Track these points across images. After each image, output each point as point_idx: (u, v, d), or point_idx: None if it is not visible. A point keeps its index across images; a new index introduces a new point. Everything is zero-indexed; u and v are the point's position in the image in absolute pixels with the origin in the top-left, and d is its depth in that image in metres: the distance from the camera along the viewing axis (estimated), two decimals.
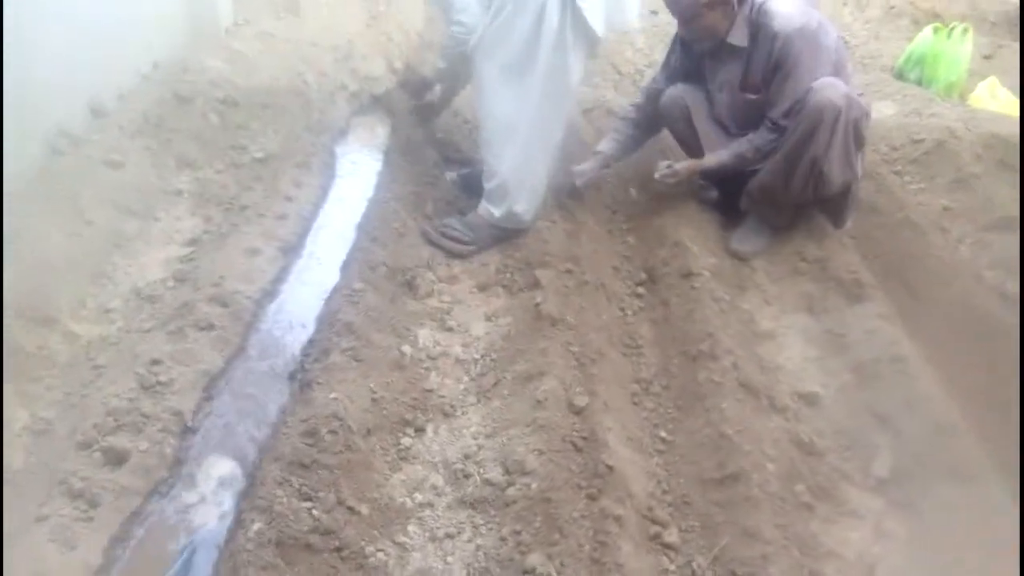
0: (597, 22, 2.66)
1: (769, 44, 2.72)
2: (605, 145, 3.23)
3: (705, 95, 3.08)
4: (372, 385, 2.13)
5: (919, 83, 4.90)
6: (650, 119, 3.24)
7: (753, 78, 2.86)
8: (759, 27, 2.73)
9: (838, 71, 2.81)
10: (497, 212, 2.87)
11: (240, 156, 3.48)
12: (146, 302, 2.54)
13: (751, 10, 2.74)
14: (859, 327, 2.55)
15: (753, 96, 2.90)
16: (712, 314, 2.48)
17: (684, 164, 3.06)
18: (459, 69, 3.21)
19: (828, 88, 2.69)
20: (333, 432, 1.90)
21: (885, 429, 2.20)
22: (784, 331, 2.63)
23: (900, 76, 5.01)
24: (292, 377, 2.23)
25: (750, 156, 2.92)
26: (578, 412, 2.05)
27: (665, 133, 3.35)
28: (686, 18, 2.80)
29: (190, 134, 3.53)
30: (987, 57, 5.31)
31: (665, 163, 3.05)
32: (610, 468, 1.87)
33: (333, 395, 2.00)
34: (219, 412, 2.08)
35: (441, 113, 3.78)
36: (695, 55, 3.02)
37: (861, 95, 2.95)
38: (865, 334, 2.51)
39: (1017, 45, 5.44)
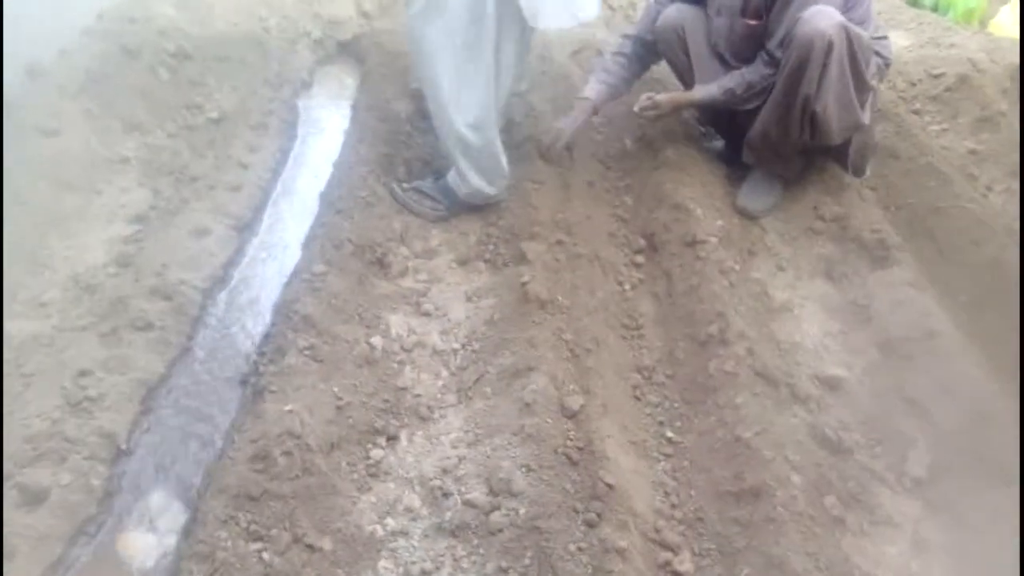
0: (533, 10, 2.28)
1: None
2: (592, 88, 2.85)
3: (705, 20, 2.75)
4: (336, 389, 1.86)
5: (935, 9, 4.54)
6: (649, 49, 2.90)
7: (754, 2, 2.53)
8: None
9: (852, 4, 2.47)
10: (464, 188, 2.57)
11: (193, 117, 3.15)
12: (85, 292, 2.24)
13: None
14: (885, 296, 2.28)
15: (753, 23, 2.57)
16: (721, 289, 2.20)
17: (667, 96, 2.75)
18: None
19: (817, 16, 2.35)
20: (288, 453, 1.63)
21: (919, 418, 1.95)
22: (801, 302, 2.36)
23: (914, 2, 4.63)
24: (244, 383, 1.95)
25: (740, 92, 2.61)
26: (572, 416, 1.79)
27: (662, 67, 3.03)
28: None
29: (137, 93, 3.18)
30: None
31: (646, 95, 2.74)
32: (610, 487, 1.61)
33: (288, 407, 1.73)
34: (158, 430, 1.81)
35: None
36: None
37: (884, 38, 2.62)
38: (892, 305, 2.24)
39: None
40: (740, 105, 2.66)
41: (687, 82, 2.90)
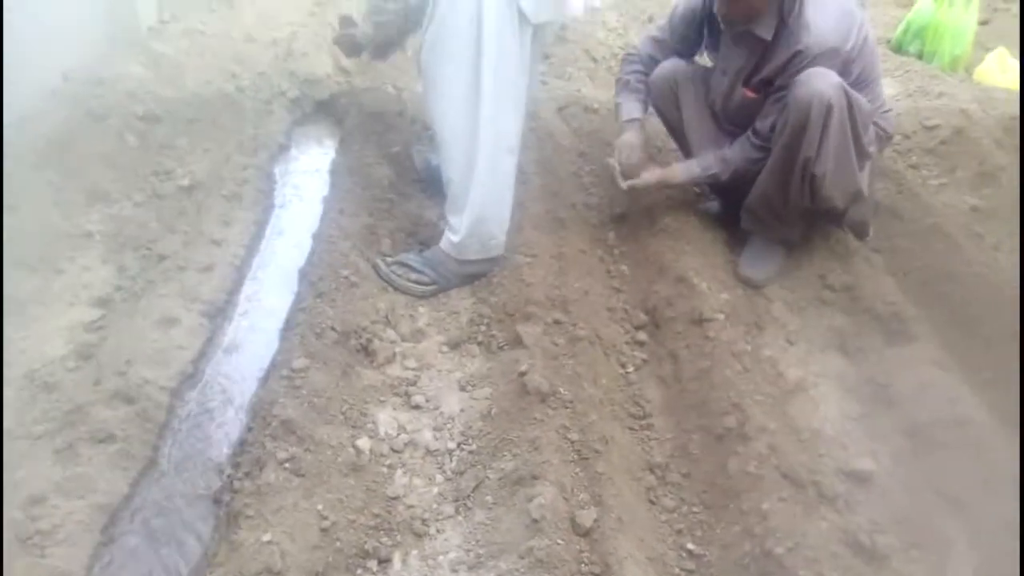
0: (529, 2, 2.25)
1: (790, 52, 2.30)
2: (632, 108, 2.73)
3: (700, 76, 2.67)
4: (320, 506, 1.67)
5: (920, 57, 4.50)
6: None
7: (759, 76, 2.43)
8: (789, 30, 2.29)
9: (862, 86, 2.38)
10: (457, 238, 2.45)
11: (163, 184, 2.96)
12: (41, 391, 2.03)
13: (787, 7, 2.26)
14: (906, 377, 2.14)
15: (751, 95, 2.48)
16: (734, 375, 2.05)
17: (650, 176, 2.64)
18: (384, 38, 2.82)
19: (815, 78, 2.26)
20: None
21: (957, 516, 1.80)
22: (815, 380, 2.21)
23: (898, 49, 4.59)
24: (217, 501, 1.76)
25: (725, 177, 2.57)
26: (585, 533, 1.62)
27: None
28: None
29: (103, 160, 2.99)
30: (983, 23, 4.89)
31: (626, 180, 2.62)
32: None
33: (267, 536, 1.54)
34: (121, 562, 1.60)
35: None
36: (714, 29, 2.56)
37: (888, 111, 2.54)
38: (916, 387, 2.10)
39: (1016, 8, 5.06)
40: (723, 184, 2.63)
41: (676, 135, 2.86)
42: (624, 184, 2.62)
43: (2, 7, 2.64)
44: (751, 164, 2.49)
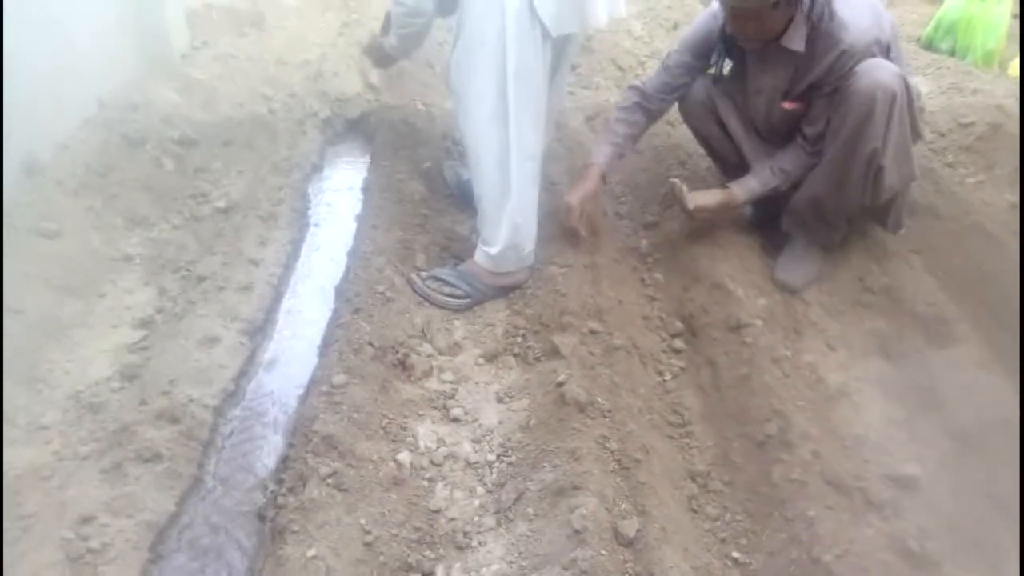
0: (550, 16, 2.26)
1: (834, 55, 2.26)
2: (598, 152, 2.65)
3: (730, 90, 2.64)
4: (363, 521, 1.68)
5: (952, 53, 4.44)
6: (654, 102, 2.68)
7: (799, 87, 2.40)
8: (824, 34, 2.26)
9: (894, 56, 2.37)
10: (494, 250, 2.46)
11: (200, 207, 3.02)
12: (87, 412, 2.08)
13: (817, 13, 2.24)
14: (951, 379, 2.10)
15: (791, 106, 2.44)
16: (774, 381, 2.03)
17: (712, 198, 2.55)
18: (411, 47, 2.84)
19: (877, 69, 2.24)
20: None
21: (1008, 522, 1.76)
22: (857, 385, 2.18)
23: (929, 46, 4.54)
24: (262, 517, 1.78)
25: (784, 187, 2.53)
26: (628, 544, 1.61)
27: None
28: (746, 15, 2.25)
29: (141, 184, 3.06)
30: (1016, 16, 4.81)
31: (695, 204, 2.53)
32: None
33: (312, 551, 1.55)
34: None
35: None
36: (736, 53, 2.52)
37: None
38: (961, 389, 2.06)
39: None
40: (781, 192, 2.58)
41: (717, 153, 2.83)
42: (691, 204, 2.51)
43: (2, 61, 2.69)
44: (807, 170, 2.47)
